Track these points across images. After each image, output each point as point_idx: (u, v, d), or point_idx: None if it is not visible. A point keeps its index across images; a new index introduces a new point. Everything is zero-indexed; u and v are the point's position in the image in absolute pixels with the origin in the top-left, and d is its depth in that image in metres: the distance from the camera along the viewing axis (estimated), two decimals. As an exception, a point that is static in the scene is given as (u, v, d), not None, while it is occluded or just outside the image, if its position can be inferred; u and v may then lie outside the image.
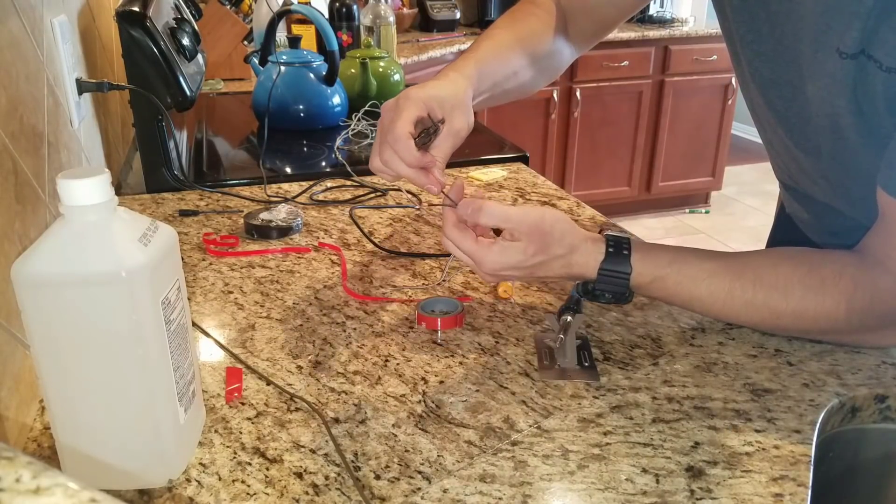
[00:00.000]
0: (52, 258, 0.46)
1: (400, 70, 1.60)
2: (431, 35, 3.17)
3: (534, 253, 0.65)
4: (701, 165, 3.69)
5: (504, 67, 0.82)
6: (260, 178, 1.17)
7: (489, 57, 0.79)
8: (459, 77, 0.73)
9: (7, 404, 0.56)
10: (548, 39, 0.88)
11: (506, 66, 0.82)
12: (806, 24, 0.64)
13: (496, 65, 0.80)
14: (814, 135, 0.71)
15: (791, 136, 0.75)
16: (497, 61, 0.80)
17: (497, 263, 0.65)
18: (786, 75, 0.69)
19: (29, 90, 0.74)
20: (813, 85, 0.66)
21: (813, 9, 0.62)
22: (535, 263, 0.66)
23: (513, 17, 0.88)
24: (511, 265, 0.65)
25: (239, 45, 1.96)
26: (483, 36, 0.84)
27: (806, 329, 0.68)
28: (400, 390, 0.64)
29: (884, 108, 0.60)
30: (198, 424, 0.58)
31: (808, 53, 0.65)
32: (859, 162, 0.67)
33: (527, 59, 0.85)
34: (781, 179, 0.90)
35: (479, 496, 0.52)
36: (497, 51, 0.81)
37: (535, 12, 0.88)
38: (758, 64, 0.72)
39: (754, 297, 0.66)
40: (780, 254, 0.69)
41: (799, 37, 0.66)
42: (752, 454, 0.56)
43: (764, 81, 0.73)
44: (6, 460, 0.23)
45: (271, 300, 0.80)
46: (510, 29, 0.85)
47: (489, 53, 0.80)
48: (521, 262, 0.65)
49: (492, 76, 0.79)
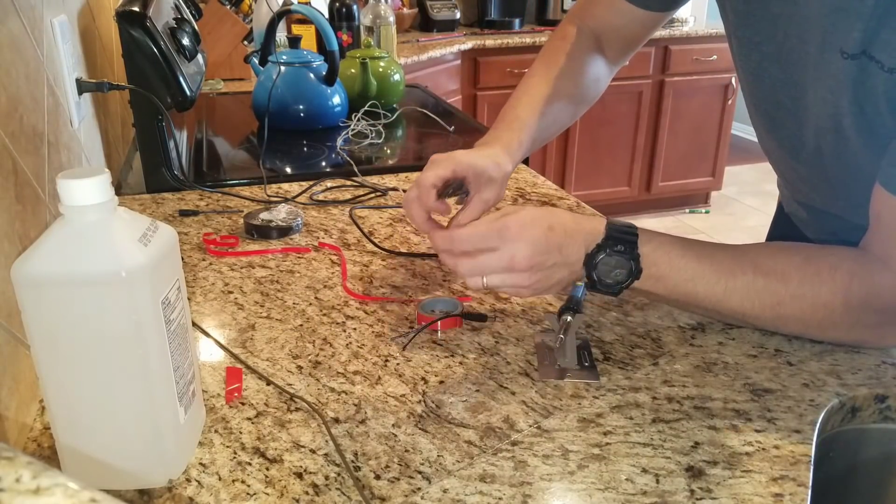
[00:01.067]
0: (52, 258, 0.46)
1: (400, 70, 1.60)
2: (431, 35, 3.17)
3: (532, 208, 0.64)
4: (701, 165, 3.69)
5: (544, 122, 0.84)
6: (260, 178, 1.17)
7: (529, 118, 0.83)
8: (503, 154, 0.77)
9: (7, 404, 0.56)
10: (584, 72, 0.89)
11: (548, 119, 0.85)
12: (812, 26, 0.64)
13: (537, 124, 0.83)
14: (816, 136, 0.71)
15: (793, 139, 0.75)
16: (538, 120, 0.83)
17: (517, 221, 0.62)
18: (793, 76, 0.70)
19: (29, 90, 0.74)
20: (817, 86, 0.66)
21: (818, 10, 0.63)
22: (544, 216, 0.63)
23: (545, 59, 0.89)
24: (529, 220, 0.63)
25: (239, 45, 1.96)
26: (521, 89, 0.86)
27: (804, 319, 0.66)
28: (400, 390, 0.64)
29: (885, 108, 0.60)
30: (198, 424, 0.58)
31: (815, 54, 0.65)
32: (861, 163, 0.67)
33: (564, 103, 0.87)
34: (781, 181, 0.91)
35: (479, 496, 0.52)
36: (536, 109, 0.84)
37: (566, 49, 0.89)
38: (765, 66, 0.72)
39: (755, 280, 0.65)
40: (777, 245, 0.68)
41: (804, 38, 0.66)
42: (752, 454, 0.56)
43: (772, 83, 0.73)
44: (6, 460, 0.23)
45: (271, 300, 0.80)
46: (545, 77, 0.87)
47: (530, 114, 0.83)
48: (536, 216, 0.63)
49: (533, 135, 0.83)
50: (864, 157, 0.66)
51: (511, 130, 0.81)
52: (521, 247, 0.62)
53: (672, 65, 3.39)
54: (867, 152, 0.65)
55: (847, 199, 0.76)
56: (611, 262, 0.64)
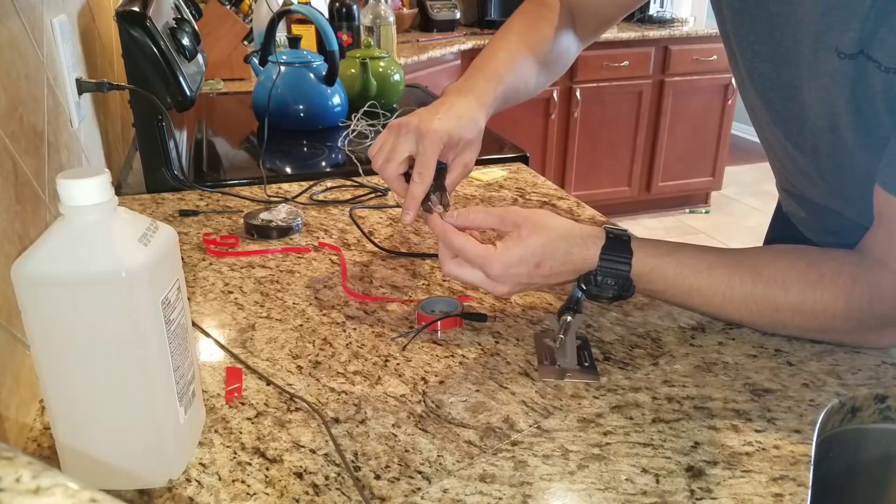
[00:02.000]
0: (52, 258, 0.46)
1: (400, 70, 1.60)
2: (431, 35, 3.17)
3: (532, 239, 0.65)
4: (701, 165, 3.69)
5: (518, 79, 0.84)
6: (260, 178, 1.17)
7: (506, 73, 0.82)
8: (478, 108, 0.77)
9: (7, 404, 0.56)
10: (558, 41, 0.90)
11: (519, 78, 0.84)
12: (806, 25, 0.64)
13: (511, 79, 0.83)
14: (812, 135, 0.71)
15: (789, 137, 0.75)
16: (512, 75, 0.83)
17: (503, 262, 0.65)
18: (786, 75, 0.70)
19: (29, 90, 0.74)
20: (812, 85, 0.66)
21: (813, 10, 0.63)
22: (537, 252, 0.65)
23: (525, 20, 0.90)
24: (516, 260, 0.65)
25: (239, 45, 1.96)
26: (497, 43, 0.86)
27: (804, 325, 0.67)
28: (400, 390, 0.64)
29: (883, 107, 0.60)
30: (198, 424, 0.58)
31: (808, 54, 0.65)
32: (857, 162, 0.67)
33: (538, 66, 0.87)
34: (779, 180, 0.91)
35: (479, 496, 0.52)
36: (512, 64, 0.83)
37: (546, 15, 0.90)
38: (758, 64, 0.72)
39: (754, 290, 0.65)
40: (779, 249, 0.69)
41: (798, 38, 0.66)
42: (752, 454, 0.56)
43: (764, 82, 0.73)
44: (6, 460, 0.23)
45: (271, 300, 0.80)
46: (523, 35, 0.87)
47: (506, 68, 0.82)
48: (524, 256, 0.65)
49: (507, 92, 0.82)
50: (860, 157, 0.66)
51: (488, 82, 0.80)
52: (502, 286, 0.67)
53: (672, 65, 3.39)
54: (864, 152, 0.65)
55: (843, 196, 0.77)
56: (603, 285, 0.67)
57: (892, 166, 0.60)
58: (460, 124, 0.74)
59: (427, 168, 0.72)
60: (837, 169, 0.72)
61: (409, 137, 0.72)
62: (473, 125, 0.75)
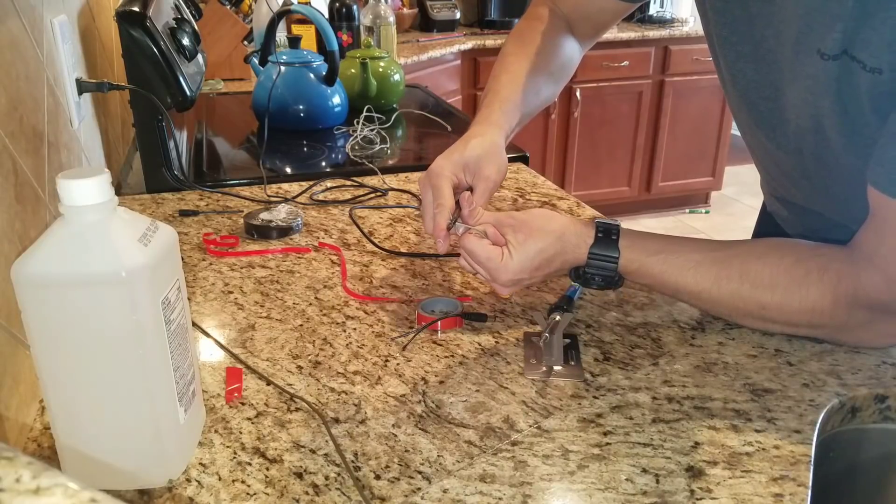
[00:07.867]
0: (52, 258, 0.46)
1: (400, 70, 1.60)
2: (431, 35, 3.17)
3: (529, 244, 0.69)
4: (701, 165, 3.69)
5: (527, 97, 0.85)
6: (260, 178, 1.17)
7: (512, 95, 0.84)
8: (490, 129, 0.79)
9: (7, 404, 0.56)
10: (559, 52, 0.91)
11: (528, 95, 0.85)
12: (787, 27, 0.64)
13: (520, 99, 0.84)
14: (795, 136, 0.71)
15: (772, 139, 0.75)
16: (520, 95, 0.84)
17: (513, 269, 0.69)
18: (768, 77, 0.70)
19: (29, 90, 0.74)
20: (795, 86, 0.66)
21: (794, 11, 0.63)
22: (535, 259, 0.69)
23: (521, 39, 0.90)
24: (518, 269, 0.68)
25: (239, 45, 1.97)
26: (499, 70, 0.87)
27: (792, 322, 0.68)
28: (400, 390, 0.64)
29: (868, 107, 0.60)
30: (198, 424, 0.58)
31: (790, 55, 0.65)
32: (842, 162, 0.68)
33: (544, 79, 0.88)
34: (763, 180, 0.91)
35: (479, 496, 0.52)
36: (517, 84, 0.85)
37: (540, 28, 0.90)
38: (741, 65, 0.73)
39: (740, 288, 0.67)
40: (768, 244, 0.69)
41: (780, 39, 0.66)
42: (752, 454, 0.56)
43: (747, 83, 0.73)
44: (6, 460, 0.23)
45: (271, 300, 0.80)
46: (522, 55, 0.88)
47: (511, 90, 0.84)
48: (524, 263, 0.68)
49: (519, 111, 0.84)
50: (844, 157, 0.66)
51: (490, 108, 0.82)
52: (504, 287, 0.72)
53: (672, 65, 3.39)
54: (847, 152, 0.66)
55: (827, 196, 0.77)
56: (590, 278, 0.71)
57: (882, 164, 0.60)
58: (463, 146, 0.76)
59: (441, 198, 0.73)
60: (821, 169, 0.72)
61: (426, 186, 0.75)
62: (479, 141, 0.77)
